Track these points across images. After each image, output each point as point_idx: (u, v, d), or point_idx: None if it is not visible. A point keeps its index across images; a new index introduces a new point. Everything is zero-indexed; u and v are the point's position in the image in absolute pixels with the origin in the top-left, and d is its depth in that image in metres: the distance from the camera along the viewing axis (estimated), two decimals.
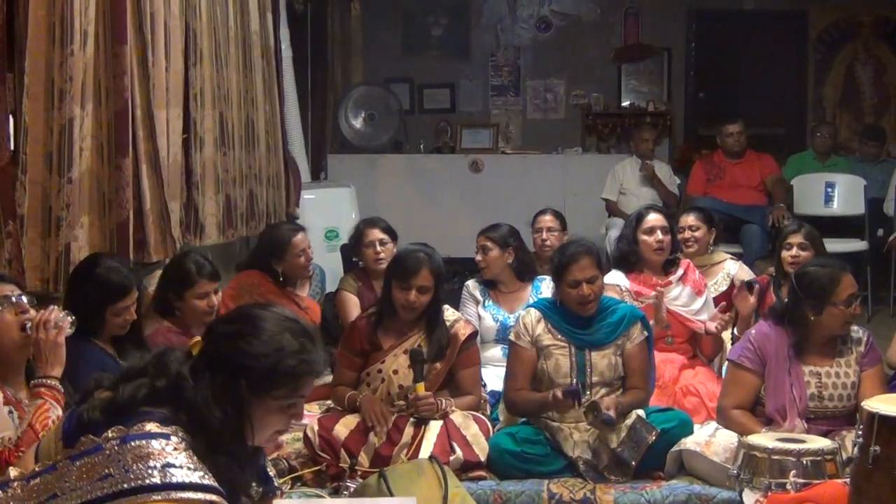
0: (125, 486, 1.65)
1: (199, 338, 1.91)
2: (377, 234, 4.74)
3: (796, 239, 4.33)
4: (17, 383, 2.57)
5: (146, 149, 3.86)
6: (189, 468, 1.69)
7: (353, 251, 4.86)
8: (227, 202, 4.94)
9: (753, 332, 3.59)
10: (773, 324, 3.53)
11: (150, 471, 1.66)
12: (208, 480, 1.70)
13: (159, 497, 1.65)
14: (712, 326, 4.18)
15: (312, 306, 4.64)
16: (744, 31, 8.58)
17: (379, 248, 4.65)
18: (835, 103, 8.51)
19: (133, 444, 1.68)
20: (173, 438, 1.71)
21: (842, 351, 3.46)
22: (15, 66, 3.12)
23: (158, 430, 1.71)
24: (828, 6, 8.42)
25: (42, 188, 3.21)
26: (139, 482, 1.65)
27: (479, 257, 4.51)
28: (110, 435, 1.71)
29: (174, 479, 1.66)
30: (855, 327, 3.52)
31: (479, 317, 4.46)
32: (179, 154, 4.29)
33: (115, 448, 1.68)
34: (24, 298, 2.58)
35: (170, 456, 1.68)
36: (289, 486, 3.34)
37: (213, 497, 1.69)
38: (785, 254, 4.33)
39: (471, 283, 4.60)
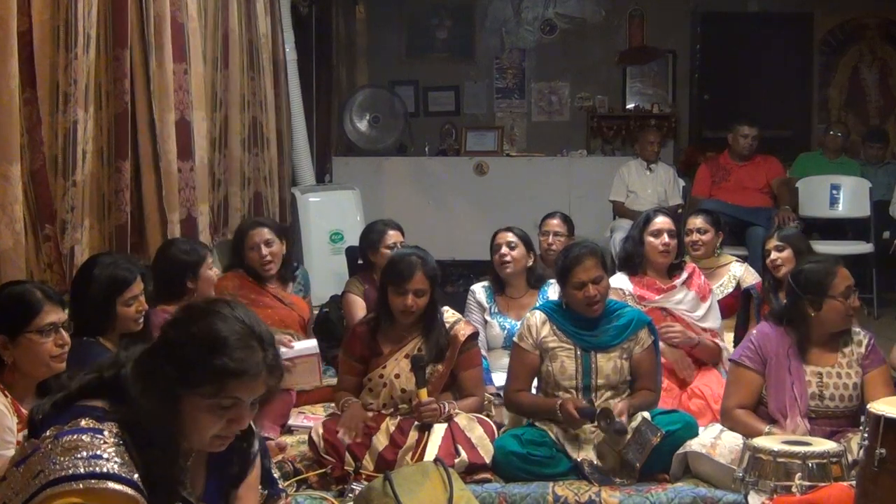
0: (51, 477, 1.65)
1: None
2: (398, 235, 4.78)
3: (771, 243, 4.41)
4: (29, 399, 2.58)
5: (147, 152, 3.87)
6: (116, 461, 1.68)
7: (370, 251, 4.85)
8: (224, 203, 4.98)
9: (755, 332, 3.60)
10: (773, 325, 3.53)
11: (75, 461, 1.66)
12: (132, 476, 1.68)
13: (80, 486, 1.64)
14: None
15: (298, 302, 4.60)
16: (748, 33, 8.57)
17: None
18: (840, 105, 8.51)
19: (65, 438, 1.69)
20: (106, 433, 1.70)
21: (843, 352, 3.46)
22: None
23: (92, 426, 1.71)
24: (833, 8, 8.42)
25: (49, 191, 3.22)
26: (63, 472, 1.65)
27: (503, 251, 4.44)
28: (47, 434, 1.72)
29: (97, 469, 1.65)
30: (856, 329, 3.53)
31: (486, 323, 4.45)
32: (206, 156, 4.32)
33: (49, 445, 1.69)
34: (65, 333, 2.59)
35: (99, 448, 1.68)
36: (293, 489, 3.34)
37: (132, 492, 1.67)
38: (767, 261, 4.40)
39: (476, 289, 4.58)
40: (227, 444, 1.84)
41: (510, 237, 4.47)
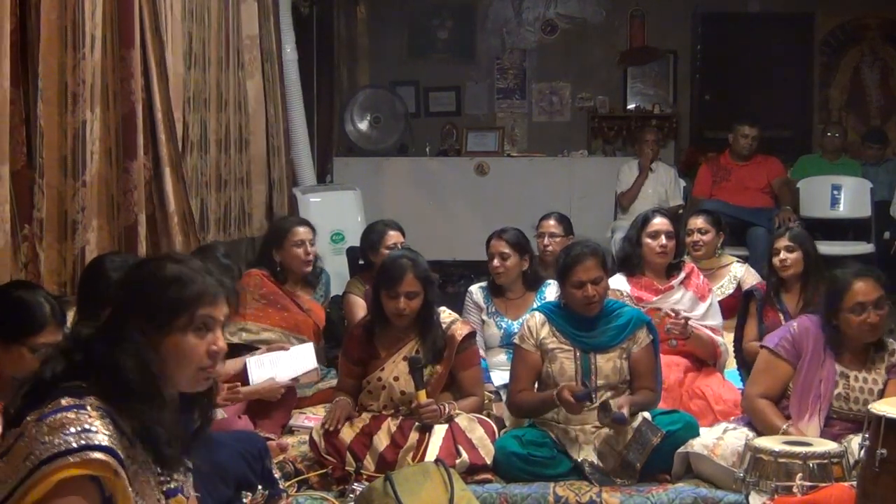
0: (42, 456, 1.69)
1: None
2: (398, 236, 4.77)
3: (782, 243, 4.35)
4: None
5: (154, 152, 3.87)
6: (105, 433, 1.73)
7: (370, 251, 4.84)
8: (227, 203, 4.99)
9: (795, 324, 3.56)
10: (817, 318, 3.51)
11: (66, 437, 1.70)
12: (120, 451, 1.74)
13: (77, 458, 1.69)
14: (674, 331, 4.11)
15: (315, 308, 4.60)
16: (749, 33, 8.57)
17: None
18: (841, 106, 8.51)
19: (49, 419, 1.72)
20: (88, 407, 1.75)
21: (874, 358, 3.44)
22: (28, 71, 3.12)
23: (73, 402, 1.75)
24: (834, 9, 8.42)
25: (57, 192, 3.22)
26: (56, 449, 1.69)
27: (496, 262, 4.42)
28: (28, 419, 1.75)
29: (90, 442, 1.71)
30: (891, 339, 3.50)
31: (483, 323, 4.46)
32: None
33: (33, 429, 1.72)
34: None
35: (86, 423, 1.73)
36: (294, 489, 3.35)
37: (118, 465, 1.73)
38: (774, 259, 4.35)
39: (474, 290, 4.57)
40: (212, 378, 1.96)
41: (503, 247, 4.41)
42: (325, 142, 7.78)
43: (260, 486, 3.04)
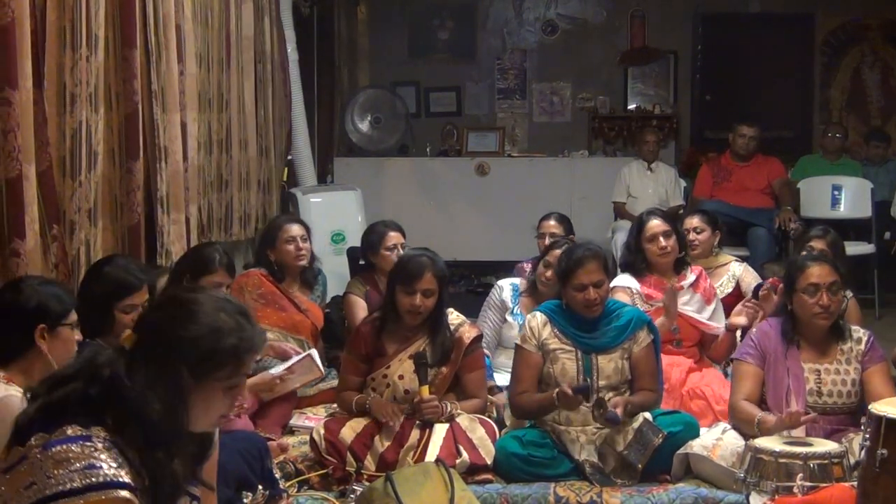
0: (47, 492, 1.64)
1: (130, 331, 1.85)
2: (399, 237, 4.76)
3: (819, 244, 4.34)
4: None
5: (156, 152, 3.88)
6: (111, 465, 1.68)
7: (370, 252, 4.85)
8: (225, 204, 4.99)
9: (755, 330, 3.65)
10: (776, 320, 3.56)
11: (70, 475, 1.65)
12: (126, 478, 1.68)
13: (81, 500, 1.64)
14: (741, 320, 4.10)
15: (313, 309, 4.61)
16: (750, 33, 8.58)
17: (402, 251, 4.64)
18: (841, 106, 8.52)
19: (54, 449, 1.67)
20: (94, 439, 1.69)
21: (842, 349, 3.48)
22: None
23: (79, 433, 1.69)
24: (834, 9, 8.43)
25: (56, 192, 3.22)
26: (59, 488, 1.64)
27: (550, 274, 4.17)
28: (33, 443, 1.69)
29: (94, 481, 1.65)
30: (855, 326, 3.56)
31: (506, 322, 4.42)
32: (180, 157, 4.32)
33: (38, 456, 1.67)
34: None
35: (91, 458, 1.67)
36: (295, 490, 3.35)
37: (129, 494, 1.67)
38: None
39: (504, 286, 4.50)
40: (227, 419, 1.92)
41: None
42: (325, 142, 7.78)
43: (260, 487, 3.04)
